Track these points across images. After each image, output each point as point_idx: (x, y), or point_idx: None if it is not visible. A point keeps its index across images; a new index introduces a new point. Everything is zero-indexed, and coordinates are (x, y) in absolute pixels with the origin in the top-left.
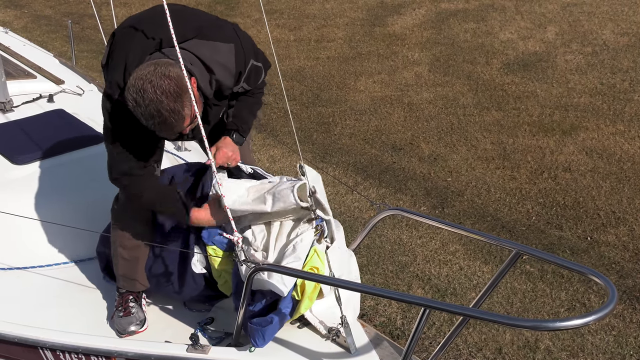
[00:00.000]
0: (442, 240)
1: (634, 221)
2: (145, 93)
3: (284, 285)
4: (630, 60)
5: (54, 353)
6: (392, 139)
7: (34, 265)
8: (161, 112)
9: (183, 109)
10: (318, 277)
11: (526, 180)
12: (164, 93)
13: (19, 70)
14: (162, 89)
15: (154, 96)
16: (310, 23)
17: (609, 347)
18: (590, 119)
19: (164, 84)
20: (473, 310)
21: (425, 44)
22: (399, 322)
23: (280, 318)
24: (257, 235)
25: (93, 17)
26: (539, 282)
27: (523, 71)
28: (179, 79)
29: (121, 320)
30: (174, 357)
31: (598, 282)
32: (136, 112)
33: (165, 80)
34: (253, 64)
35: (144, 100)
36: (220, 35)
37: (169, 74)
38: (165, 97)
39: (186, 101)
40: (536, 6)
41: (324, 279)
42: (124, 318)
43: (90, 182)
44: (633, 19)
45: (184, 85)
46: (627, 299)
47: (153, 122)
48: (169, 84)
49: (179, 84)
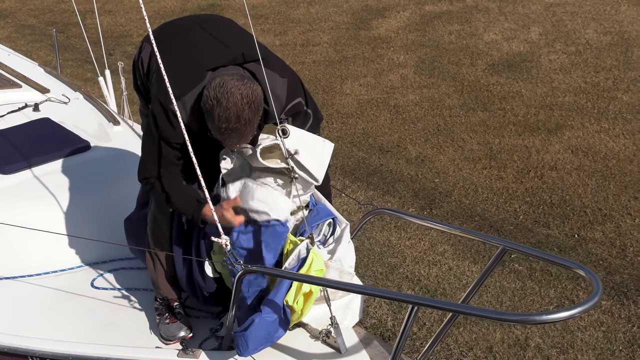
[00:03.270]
0: (431, 241)
1: (620, 218)
2: (232, 96)
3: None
4: (613, 59)
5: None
6: (379, 141)
7: (23, 274)
8: (239, 119)
9: (256, 124)
10: (305, 278)
11: (513, 179)
12: (249, 103)
13: (4, 79)
14: (249, 99)
15: (240, 102)
16: (296, 27)
17: (599, 343)
18: (575, 117)
19: (251, 95)
20: (461, 306)
21: (410, 46)
22: (389, 324)
23: (264, 319)
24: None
25: (77, 26)
26: (527, 280)
27: (508, 71)
28: (261, 99)
29: (169, 327)
30: None
31: (583, 275)
32: (213, 111)
33: (253, 93)
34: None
35: (227, 101)
36: (278, 67)
37: (256, 90)
38: (248, 107)
39: (257, 119)
40: (519, 7)
41: (312, 280)
42: (171, 325)
43: (78, 189)
44: (615, 18)
45: (261, 105)
46: (615, 294)
47: (226, 126)
48: (255, 98)
49: (260, 102)
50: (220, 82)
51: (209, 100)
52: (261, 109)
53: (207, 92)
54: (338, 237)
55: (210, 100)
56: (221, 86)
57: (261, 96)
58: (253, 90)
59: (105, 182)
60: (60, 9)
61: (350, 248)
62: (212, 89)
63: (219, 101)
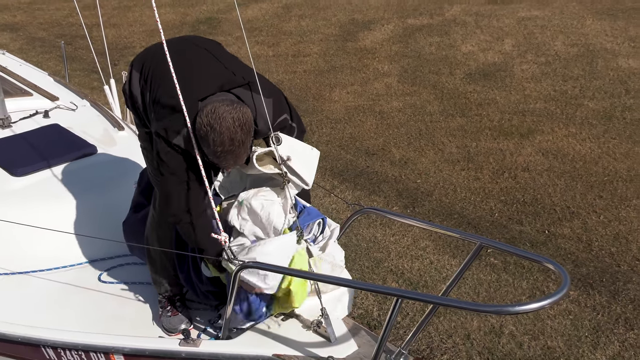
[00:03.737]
0: (414, 237)
1: (586, 215)
2: (224, 121)
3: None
4: (579, 69)
5: (55, 351)
6: (366, 145)
7: (35, 269)
8: (233, 142)
9: (248, 145)
10: (298, 273)
11: (489, 180)
12: (241, 126)
13: (16, 88)
14: (240, 122)
15: (232, 126)
16: (288, 39)
17: (567, 330)
18: (545, 122)
19: (241, 118)
20: (441, 298)
21: (394, 56)
22: (375, 314)
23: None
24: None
25: (84, 38)
26: (502, 273)
27: (484, 80)
28: (251, 120)
29: (171, 320)
30: (168, 350)
31: (552, 269)
32: (207, 137)
33: (243, 116)
34: (288, 119)
35: (220, 126)
36: (264, 89)
37: (246, 113)
38: (241, 130)
39: (250, 140)
40: (494, 21)
41: (304, 274)
42: (173, 317)
43: (85, 190)
44: (581, 32)
45: (252, 126)
46: (582, 285)
47: (222, 149)
48: (246, 121)
49: (250, 123)
50: (212, 108)
51: (203, 127)
52: (252, 130)
53: (200, 119)
54: (329, 236)
55: (204, 127)
56: (213, 112)
57: (251, 118)
58: (243, 113)
59: (111, 183)
60: (69, 23)
61: (337, 246)
62: (205, 116)
63: (213, 127)
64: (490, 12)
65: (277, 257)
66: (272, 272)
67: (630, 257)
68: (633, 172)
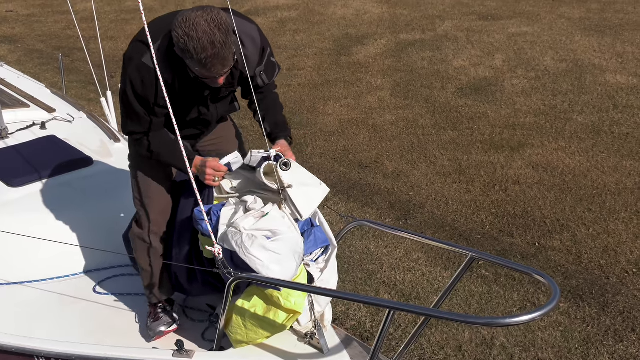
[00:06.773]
0: (406, 249)
1: (576, 228)
2: (199, 26)
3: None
4: (568, 84)
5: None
6: (359, 157)
7: (30, 280)
8: (214, 44)
9: (231, 44)
10: (292, 285)
11: (480, 192)
12: (217, 26)
13: (14, 100)
14: (215, 23)
15: (208, 29)
16: (282, 53)
17: (557, 342)
18: (535, 136)
19: (216, 19)
20: (433, 310)
21: (387, 71)
22: (368, 325)
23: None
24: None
25: (82, 51)
26: (493, 285)
27: (475, 94)
28: (227, 20)
29: (152, 325)
30: None
31: (542, 281)
32: (187, 47)
33: (217, 17)
34: (270, 52)
35: (197, 32)
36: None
37: (219, 13)
38: (218, 30)
39: (231, 40)
40: (485, 36)
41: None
42: (154, 323)
43: (81, 201)
44: (570, 47)
45: (230, 26)
46: (572, 297)
47: (205, 55)
48: (221, 20)
49: (227, 23)
50: (184, 18)
51: (181, 39)
52: (230, 29)
53: (176, 32)
54: (328, 257)
55: (182, 38)
56: (186, 21)
57: (226, 18)
58: (216, 14)
59: (107, 194)
60: (66, 35)
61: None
62: (179, 27)
63: (189, 35)
64: (481, 28)
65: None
66: (263, 283)
67: (619, 269)
68: (621, 185)
